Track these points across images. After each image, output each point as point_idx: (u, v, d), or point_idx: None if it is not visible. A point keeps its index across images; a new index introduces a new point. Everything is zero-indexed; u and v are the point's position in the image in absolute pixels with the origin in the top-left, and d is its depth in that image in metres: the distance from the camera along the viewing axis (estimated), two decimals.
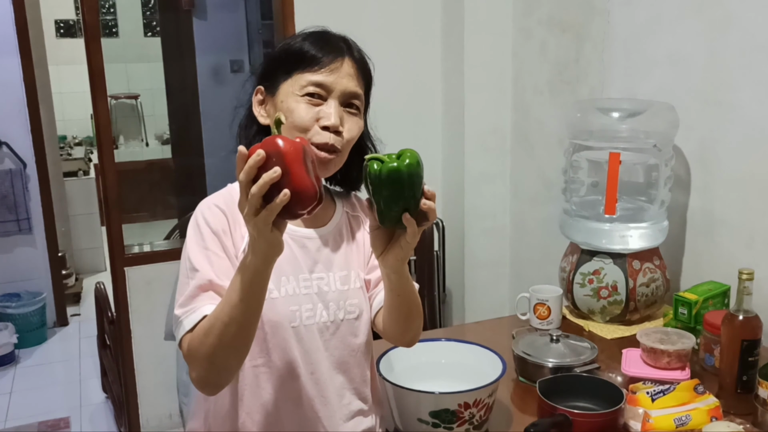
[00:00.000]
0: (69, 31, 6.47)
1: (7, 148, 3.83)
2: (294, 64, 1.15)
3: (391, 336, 1.25)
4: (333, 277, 1.20)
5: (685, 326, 1.64)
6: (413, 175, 1.01)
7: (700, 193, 1.91)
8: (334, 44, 1.17)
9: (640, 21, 2.06)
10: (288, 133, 1.12)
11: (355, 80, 1.16)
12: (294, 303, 1.16)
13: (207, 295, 1.08)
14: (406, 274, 1.13)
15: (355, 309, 1.22)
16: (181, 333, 1.08)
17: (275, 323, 1.14)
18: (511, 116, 2.78)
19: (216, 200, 1.16)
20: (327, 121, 1.12)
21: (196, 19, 4.27)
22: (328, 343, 1.19)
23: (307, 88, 1.13)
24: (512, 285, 2.87)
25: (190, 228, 1.15)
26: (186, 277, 1.11)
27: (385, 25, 2.79)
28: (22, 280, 4.00)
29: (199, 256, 1.11)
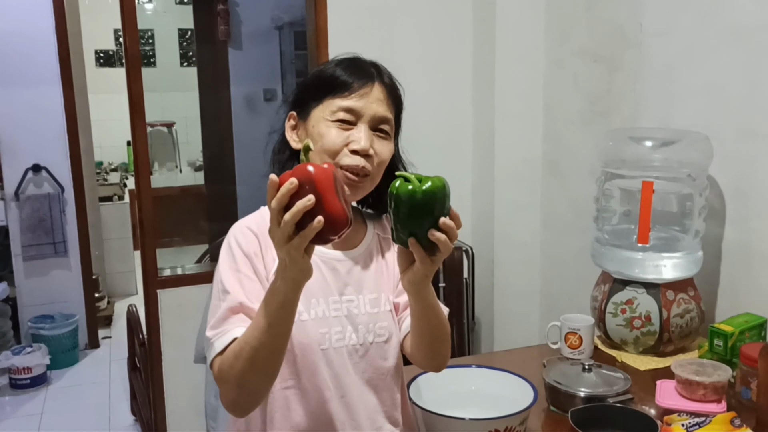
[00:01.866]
0: (108, 61, 6.66)
1: (46, 172, 3.93)
2: (325, 90, 1.17)
3: (418, 360, 1.24)
4: (363, 300, 1.21)
5: (720, 358, 1.61)
6: (428, 202, 0.99)
7: (736, 224, 1.89)
8: (364, 70, 1.19)
9: (674, 52, 2.06)
10: (318, 157, 1.14)
11: (385, 105, 1.18)
12: (324, 325, 1.17)
13: (238, 317, 1.09)
14: (427, 298, 1.12)
15: (385, 332, 1.22)
16: (212, 355, 1.09)
17: (305, 346, 1.15)
18: (542, 146, 2.78)
19: (248, 223, 1.18)
20: (357, 145, 1.14)
21: (231, 50, 4.37)
22: (357, 366, 1.20)
23: (337, 113, 1.15)
24: (542, 315, 2.84)
25: (223, 250, 1.16)
26: (218, 299, 1.12)
27: (418, 54, 2.83)
28: (56, 302, 4.07)
29: (231, 279, 1.12)
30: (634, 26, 2.20)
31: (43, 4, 3.83)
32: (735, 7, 1.85)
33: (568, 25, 2.56)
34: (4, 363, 3.61)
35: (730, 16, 1.87)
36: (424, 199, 0.99)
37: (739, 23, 1.84)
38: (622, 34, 2.26)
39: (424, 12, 2.83)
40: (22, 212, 3.90)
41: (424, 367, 1.28)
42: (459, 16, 2.86)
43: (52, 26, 3.86)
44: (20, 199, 3.89)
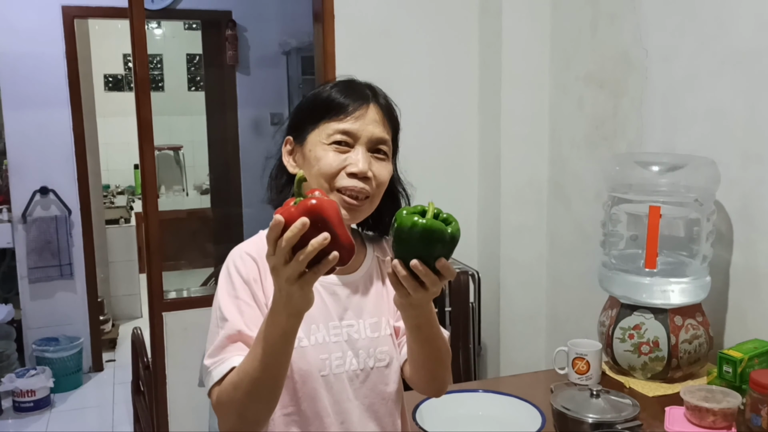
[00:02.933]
0: (117, 85, 6.72)
1: (54, 195, 3.96)
2: (321, 114, 1.16)
3: (417, 384, 1.23)
4: (363, 325, 1.20)
5: (730, 385, 1.59)
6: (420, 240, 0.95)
7: (743, 249, 1.88)
8: (359, 92, 1.18)
9: (679, 76, 2.07)
10: (315, 181, 1.13)
11: (382, 126, 1.17)
12: (324, 351, 1.15)
13: (236, 346, 1.08)
14: (419, 322, 1.09)
15: (386, 356, 1.20)
16: (209, 384, 1.08)
17: (305, 372, 1.14)
18: (548, 169, 2.79)
19: (248, 248, 1.16)
20: (354, 167, 1.13)
21: (239, 74, 4.42)
22: (358, 392, 1.18)
23: (333, 136, 1.14)
24: (549, 339, 2.83)
25: (221, 276, 1.15)
26: (216, 326, 1.11)
27: (424, 78, 2.85)
28: (61, 324, 4.07)
29: (230, 306, 1.11)
30: (638, 51, 2.22)
31: (54, 29, 3.88)
32: (737, 33, 1.86)
33: (573, 50, 2.58)
34: (8, 386, 3.60)
35: (733, 42, 1.88)
36: (418, 237, 0.95)
37: (742, 49, 1.85)
38: (627, 59, 2.28)
39: (431, 36, 2.86)
40: (29, 234, 3.92)
41: (424, 392, 1.26)
42: (465, 41, 2.88)
43: (63, 50, 3.91)
44: (27, 221, 3.91)
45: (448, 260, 0.96)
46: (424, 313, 1.08)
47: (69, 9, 3.93)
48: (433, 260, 0.95)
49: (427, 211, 0.97)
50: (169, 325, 2.66)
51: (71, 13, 3.94)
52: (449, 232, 0.95)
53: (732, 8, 1.88)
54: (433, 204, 0.98)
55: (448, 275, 0.97)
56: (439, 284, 0.98)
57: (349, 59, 2.74)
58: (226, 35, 4.28)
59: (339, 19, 2.73)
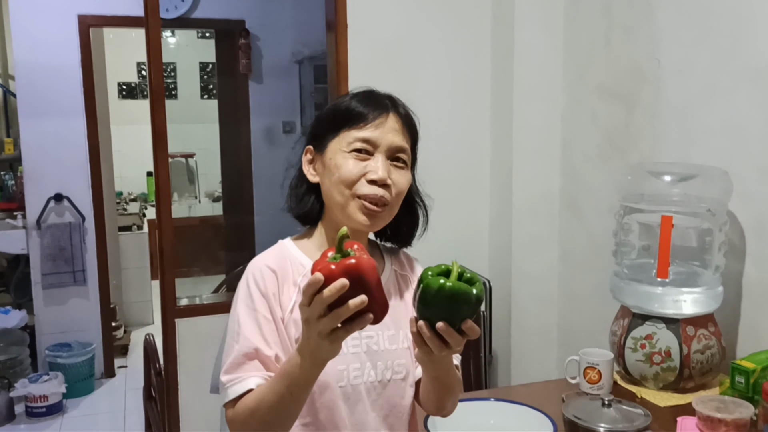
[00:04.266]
0: (130, 93, 6.79)
1: (68, 202, 3.99)
2: (341, 123, 1.18)
3: (427, 408, 1.25)
4: (382, 336, 1.20)
5: (742, 395, 1.59)
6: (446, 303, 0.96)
7: (756, 261, 1.88)
8: (379, 101, 1.20)
9: (693, 89, 2.07)
10: (335, 188, 1.15)
11: (401, 135, 1.19)
12: (342, 362, 1.16)
13: (253, 365, 1.09)
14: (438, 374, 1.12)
15: (403, 369, 1.21)
16: (224, 400, 1.10)
17: (323, 383, 1.14)
18: (560, 181, 2.79)
19: (267, 260, 1.18)
20: (374, 174, 1.14)
21: (252, 83, 4.45)
22: (375, 403, 1.19)
23: (354, 144, 1.15)
24: (560, 350, 2.82)
25: (240, 288, 1.16)
26: (233, 340, 1.12)
27: (436, 89, 2.86)
28: (74, 330, 4.10)
29: (248, 320, 1.12)
30: (651, 63, 2.23)
31: (70, 38, 3.93)
32: (754, 48, 1.86)
33: (586, 62, 2.59)
34: (20, 391, 3.62)
35: (748, 56, 1.88)
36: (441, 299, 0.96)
37: (758, 64, 1.85)
38: (640, 71, 2.28)
39: (443, 47, 2.88)
40: (43, 241, 3.95)
41: (432, 414, 1.28)
42: (478, 52, 2.90)
43: (78, 59, 3.96)
44: (42, 227, 3.94)
45: (472, 320, 0.97)
46: (444, 366, 1.10)
47: (85, 18, 3.98)
48: (459, 321, 0.96)
49: (451, 271, 0.97)
50: (182, 331, 2.68)
51: (87, 23, 3.99)
52: (474, 293, 0.96)
53: (748, 23, 1.88)
54: (457, 264, 0.98)
55: (473, 335, 0.98)
56: (462, 343, 0.99)
57: (362, 69, 2.76)
58: (239, 44, 4.31)
59: (352, 29, 2.75)
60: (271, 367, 1.10)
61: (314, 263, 0.92)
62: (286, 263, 1.18)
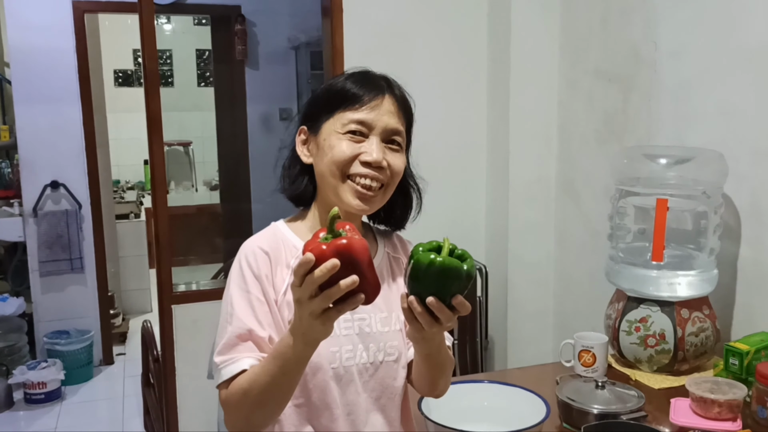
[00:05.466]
0: (126, 81, 6.76)
1: (64, 189, 3.98)
2: (336, 104, 1.16)
3: (419, 389, 1.25)
4: (374, 318, 1.20)
5: (736, 377, 1.60)
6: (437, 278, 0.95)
7: (751, 243, 1.88)
8: (374, 82, 1.18)
9: (689, 72, 2.07)
10: (327, 169, 1.14)
11: (396, 117, 1.17)
12: (335, 344, 1.15)
13: (246, 345, 1.09)
14: (430, 352, 1.12)
15: (395, 351, 1.21)
16: (218, 381, 1.09)
17: (315, 364, 1.14)
18: (557, 165, 2.79)
19: (260, 242, 1.17)
20: (369, 156, 1.13)
21: (248, 70, 4.43)
22: (366, 385, 1.19)
23: (348, 125, 1.14)
24: (556, 334, 2.83)
25: (233, 270, 1.16)
26: (226, 321, 1.12)
27: (433, 74, 2.85)
28: (72, 318, 4.10)
29: (241, 302, 1.11)
30: (648, 46, 2.22)
31: (64, 24, 3.90)
32: (748, 29, 1.86)
33: (582, 45, 2.58)
34: (19, 378, 3.63)
35: (744, 38, 1.87)
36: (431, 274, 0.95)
37: (753, 45, 1.84)
38: (637, 53, 2.28)
39: (440, 32, 2.86)
40: (40, 228, 3.95)
41: (425, 395, 1.28)
42: (474, 36, 2.88)
43: (73, 45, 3.93)
44: (38, 215, 3.94)
45: (463, 296, 0.97)
46: (436, 344, 1.10)
47: (79, 4, 3.95)
48: (449, 297, 0.95)
49: (442, 248, 0.97)
50: (179, 318, 2.68)
51: (82, 8, 3.97)
52: (465, 269, 0.95)
53: (743, 4, 1.87)
54: (448, 240, 0.98)
55: (464, 311, 0.97)
56: (453, 319, 0.98)
57: (358, 54, 2.74)
58: (235, 30, 4.29)
59: (348, 14, 2.74)
60: (264, 348, 1.10)
61: (306, 244, 0.92)
62: (279, 245, 1.17)
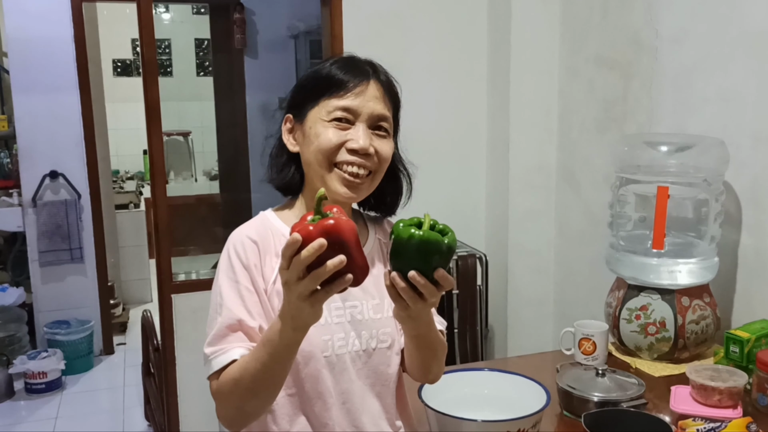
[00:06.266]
0: (125, 71, 6.73)
1: (63, 179, 3.97)
2: (321, 90, 1.14)
3: (413, 374, 1.24)
4: (366, 306, 1.19)
5: (736, 365, 1.59)
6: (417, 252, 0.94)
7: (752, 231, 1.87)
8: (359, 68, 1.16)
9: (690, 58, 2.06)
10: (314, 157, 1.13)
11: (382, 102, 1.15)
12: (326, 332, 1.15)
13: (236, 336, 1.08)
14: (418, 332, 1.10)
15: (388, 338, 1.20)
16: (209, 372, 1.08)
17: (307, 353, 1.13)
18: (557, 154, 2.78)
19: (248, 231, 1.16)
20: (355, 143, 1.11)
21: (247, 59, 4.41)
22: (360, 372, 1.18)
23: (334, 113, 1.12)
24: (556, 323, 2.83)
25: (222, 260, 1.15)
26: (215, 312, 1.10)
27: (433, 62, 2.84)
28: (72, 308, 4.10)
29: (230, 292, 1.10)
30: (649, 33, 2.20)
31: (62, 13, 3.88)
32: (749, 15, 1.85)
33: (583, 33, 2.57)
34: (19, 368, 3.64)
35: (745, 24, 1.86)
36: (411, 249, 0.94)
37: (754, 31, 1.83)
38: (638, 40, 2.26)
39: (439, 20, 2.85)
40: (39, 218, 3.94)
41: (419, 381, 1.27)
42: (474, 25, 2.87)
43: (71, 34, 3.91)
44: (37, 205, 3.93)
45: (445, 270, 0.96)
46: (424, 323, 1.08)
47: None
48: (431, 271, 0.94)
49: (423, 223, 0.96)
50: (179, 307, 2.68)
51: None
52: (446, 243, 0.95)
53: None
54: (429, 216, 0.97)
55: (447, 285, 0.96)
56: (437, 295, 0.97)
57: (357, 42, 2.72)
58: (234, 19, 4.27)
59: (347, 2, 2.72)
60: (254, 338, 1.08)
61: (293, 226, 0.91)
62: (267, 234, 1.16)
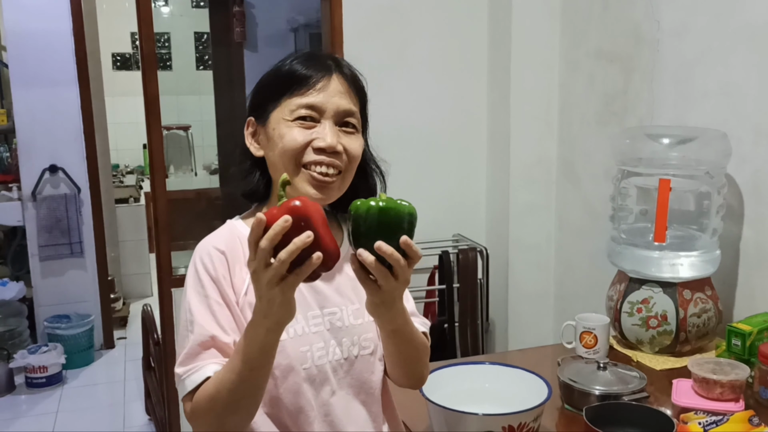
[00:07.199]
0: (125, 64, 6.71)
1: (63, 173, 3.96)
2: (282, 89, 1.09)
3: (395, 378, 1.19)
4: (346, 311, 1.14)
5: (738, 358, 1.59)
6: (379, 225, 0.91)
7: (753, 224, 1.87)
8: (321, 63, 1.11)
9: (691, 51, 2.05)
10: (280, 160, 1.08)
11: (348, 97, 1.10)
12: (304, 343, 1.10)
13: (209, 353, 1.03)
14: (394, 322, 1.03)
15: (370, 343, 1.15)
16: (182, 393, 1.04)
17: (285, 367, 1.08)
18: (557, 147, 2.77)
19: (215, 242, 1.10)
20: (322, 142, 1.06)
21: (247, 52, 4.40)
22: (342, 382, 1.13)
23: (297, 111, 1.07)
24: (557, 317, 2.83)
25: (189, 274, 1.09)
26: (186, 329, 1.06)
27: (433, 55, 2.83)
28: (72, 302, 4.10)
29: (200, 307, 1.05)
30: (650, 25, 2.19)
31: (60, 6, 3.86)
32: (750, 8, 1.84)
33: (583, 26, 2.55)
34: (20, 362, 3.63)
35: (747, 16, 1.85)
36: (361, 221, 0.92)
37: (755, 23, 1.82)
38: (639, 33, 2.25)
39: (440, 13, 2.83)
40: (39, 212, 3.93)
41: (403, 385, 1.22)
42: (474, 18, 2.86)
43: (70, 28, 3.89)
44: (37, 199, 3.92)
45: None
46: (399, 314, 1.02)
47: None
48: (396, 243, 0.90)
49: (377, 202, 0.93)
50: (179, 301, 2.67)
51: None
52: (407, 210, 0.92)
53: None
54: (384, 195, 0.94)
55: (413, 255, 0.91)
56: (407, 270, 0.92)
57: (357, 36, 2.72)
58: (233, 12, 4.26)
59: None
60: (229, 353, 1.03)
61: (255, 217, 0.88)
62: (235, 243, 1.10)
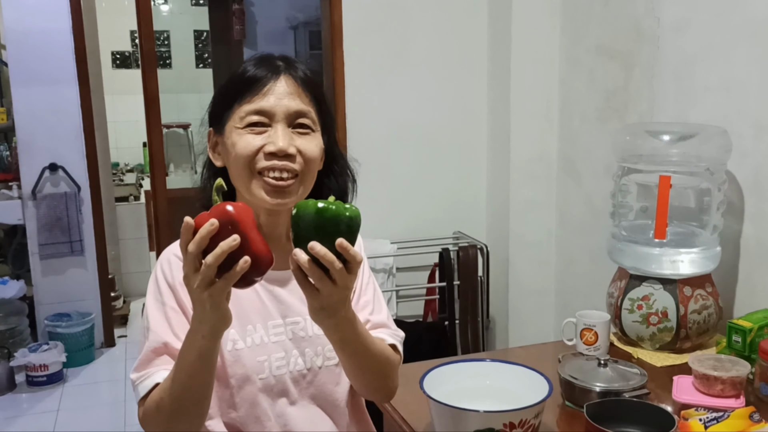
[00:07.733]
0: (124, 63, 6.70)
1: (63, 171, 3.96)
2: (232, 97, 1.08)
3: (356, 389, 1.15)
4: (309, 321, 1.11)
5: (739, 354, 1.59)
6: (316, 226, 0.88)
7: (754, 220, 1.86)
8: (268, 65, 1.09)
9: (692, 47, 2.04)
10: (234, 168, 1.07)
11: (298, 98, 1.08)
12: (262, 353, 1.09)
13: (162, 359, 1.03)
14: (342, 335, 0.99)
15: (335, 354, 1.09)
16: (137, 399, 1.03)
17: (241, 377, 1.07)
18: (558, 144, 2.77)
19: (175, 249, 1.09)
20: (272, 146, 1.04)
21: (246, 50, 4.40)
22: (304, 392, 1.12)
23: (246, 118, 1.06)
24: (557, 314, 2.82)
25: (150, 282, 1.10)
26: (143, 336, 1.06)
27: (433, 52, 2.83)
28: (73, 300, 4.10)
29: (157, 314, 1.06)
30: (651, 21, 2.19)
31: (60, 4, 3.85)
32: (752, 3, 1.83)
33: (584, 22, 2.55)
34: (21, 360, 3.63)
35: (748, 12, 1.85)
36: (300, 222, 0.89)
37: (756, 19, 1.82)
38: (639, 29, 2.25)
39: (440, 10, 2.83)
40: (39, 211, 3.93)
41: (366, 398, 1.19)
42: (474, 14, 2.85)
43: (69, 26, 3.88)
44: (37, 197, 3.91)
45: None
46: (346, 323, 0.97)
47: None
48: (333, 245, 0.87)
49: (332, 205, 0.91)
50: None
51: None
52: (347, 214, 0.89)
53: None
54: (333, 198, 0.92)
55: (350, 259, 0.87)
56: (344, 274, 0.87)
57: (357, 33, 2.71)
58: (233, 10, 4.26)
59: None
60: None
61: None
62: None
